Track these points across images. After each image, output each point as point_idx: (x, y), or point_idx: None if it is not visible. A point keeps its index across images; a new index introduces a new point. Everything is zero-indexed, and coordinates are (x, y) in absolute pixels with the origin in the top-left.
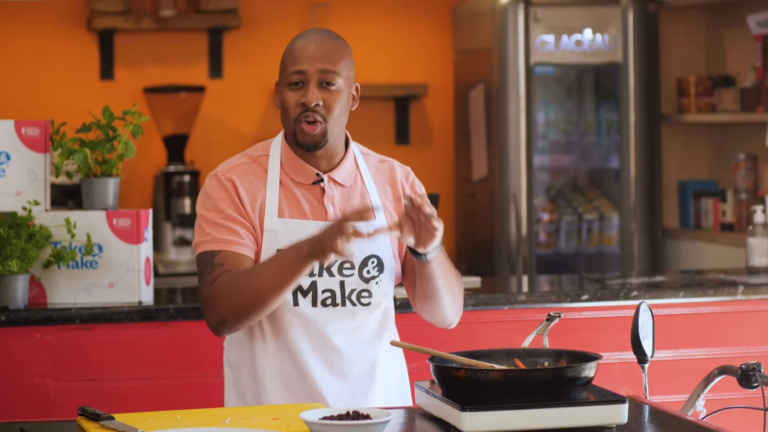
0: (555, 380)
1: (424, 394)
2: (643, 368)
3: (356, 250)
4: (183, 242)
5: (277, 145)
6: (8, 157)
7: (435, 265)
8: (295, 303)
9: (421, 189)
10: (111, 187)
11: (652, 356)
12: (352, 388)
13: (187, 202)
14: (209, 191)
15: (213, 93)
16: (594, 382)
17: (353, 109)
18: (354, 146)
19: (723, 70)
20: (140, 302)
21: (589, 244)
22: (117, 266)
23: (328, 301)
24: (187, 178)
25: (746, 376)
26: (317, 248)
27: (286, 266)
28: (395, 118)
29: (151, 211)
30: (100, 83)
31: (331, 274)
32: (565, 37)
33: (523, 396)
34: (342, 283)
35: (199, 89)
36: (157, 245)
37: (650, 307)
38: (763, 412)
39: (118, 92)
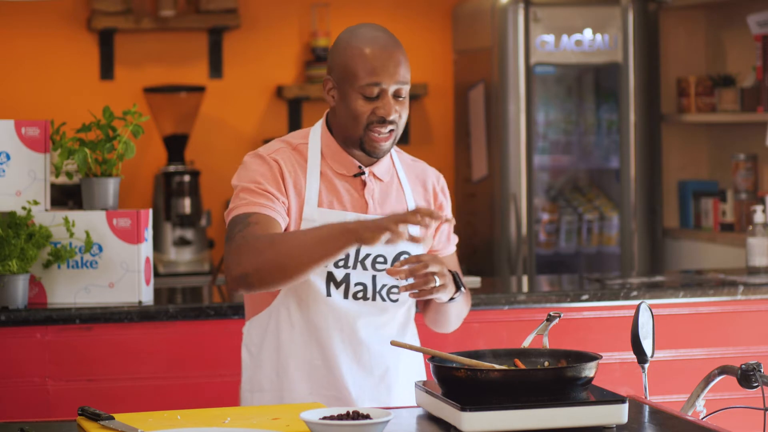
0: (555, 380)
1: (424, 394)
2: (643, 368)
3: (390, 246)
4: (183, 242)
5: (316, 134)
6: (8, 157)
7: (451, 304)
8: (328, 293)
9: (447, 196)
10: (111, 187)
11: (652, 356)
12: (376, 383)
13: (187, 202)
14: (250, 167)
15: (213, 93)
16: (594, 382)
17: None
18: None
19: (723, 70)
20: (140, 302)
21: (589, 244)
22: (117, 266)
23: (360, 295)
24: (187, 178)
25: (746, 376)
26: (372, 227)
27: (330, 237)
28: None
29: (151, 211)
30: (100, 83)
31: (364, 268)
32: (565, 37)
33: (523, 396)
34: (374, 278)
35: (199, 89)
36: (157, 245)
37: (650, 307)
38: (763, 412)
39: (118, 92)
